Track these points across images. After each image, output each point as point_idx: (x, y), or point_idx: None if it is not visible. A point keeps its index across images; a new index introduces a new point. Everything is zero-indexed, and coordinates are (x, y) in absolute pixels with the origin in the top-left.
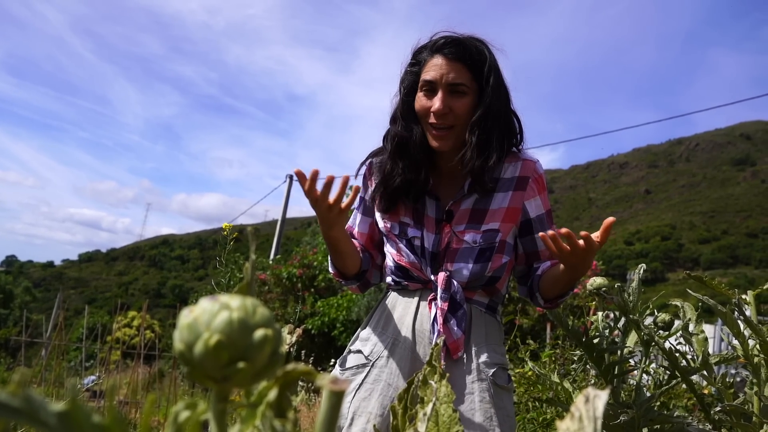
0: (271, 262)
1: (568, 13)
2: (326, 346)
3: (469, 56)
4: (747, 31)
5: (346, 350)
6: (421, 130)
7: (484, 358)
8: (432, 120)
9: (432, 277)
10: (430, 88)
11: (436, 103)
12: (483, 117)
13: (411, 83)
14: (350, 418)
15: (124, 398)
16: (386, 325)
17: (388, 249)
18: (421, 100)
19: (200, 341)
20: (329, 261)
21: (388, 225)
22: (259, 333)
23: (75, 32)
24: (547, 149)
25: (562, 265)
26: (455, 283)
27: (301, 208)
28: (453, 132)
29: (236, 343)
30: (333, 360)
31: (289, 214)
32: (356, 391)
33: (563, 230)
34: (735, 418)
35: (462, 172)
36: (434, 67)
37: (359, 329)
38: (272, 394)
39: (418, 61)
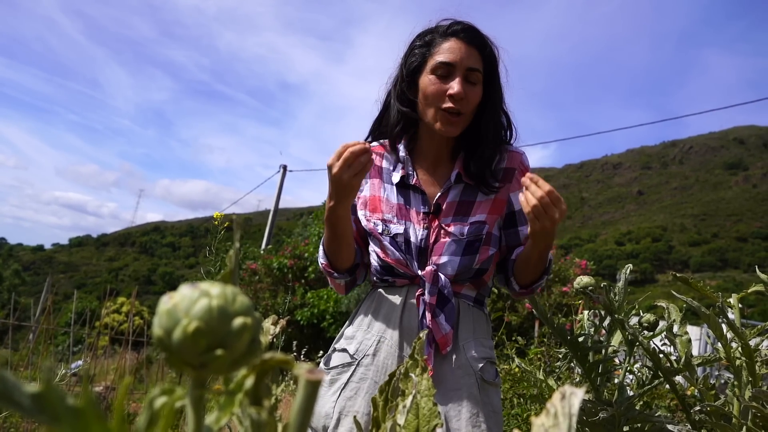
0: (262, 252)
1: (562, 9)
2: (315, 338)
3: (484, 44)
4: (741, 32)
5: (331, 348)
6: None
7: (472, 352)
8: (447, 104)
9: (419, 273)
10: (446, 72)
11: (456, 87)
12: (494, 108)
13: (416, 65)
14: (336, 418)
15: (111, 384)
16: (372, 322)
17: (373, 248)
18: (433, 83)
19: (179, 327)
20: (321, 251)
21: (371, 224)
22: (237, 321)
23: (65, 13)
24: (539, 147)
25: (530, 240)
26: (443, 277)
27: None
28: (463, 119)
29: (215, 330)
30: (322, 352)
31: (281, 205)
32: (342, 390)
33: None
34: (715, 419)
35: (473, 166)
36: (451, 50)
37: (344, 327)
38: (249, 382)
39: (426, 42)
